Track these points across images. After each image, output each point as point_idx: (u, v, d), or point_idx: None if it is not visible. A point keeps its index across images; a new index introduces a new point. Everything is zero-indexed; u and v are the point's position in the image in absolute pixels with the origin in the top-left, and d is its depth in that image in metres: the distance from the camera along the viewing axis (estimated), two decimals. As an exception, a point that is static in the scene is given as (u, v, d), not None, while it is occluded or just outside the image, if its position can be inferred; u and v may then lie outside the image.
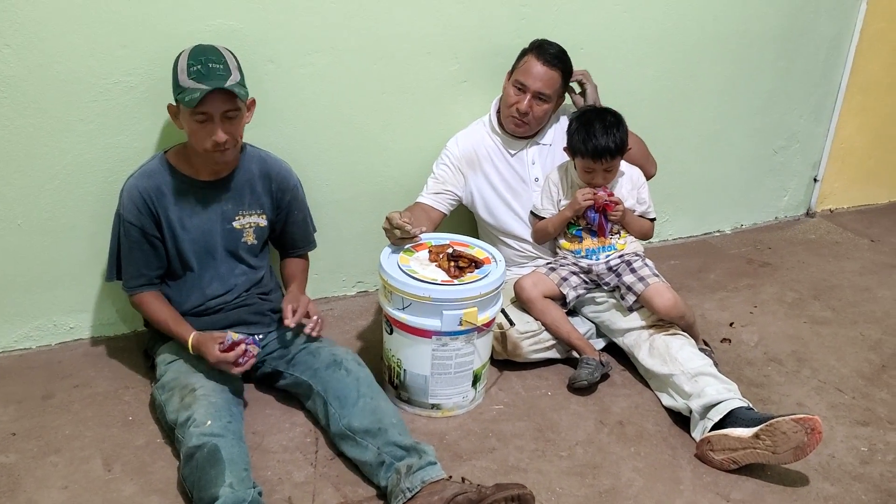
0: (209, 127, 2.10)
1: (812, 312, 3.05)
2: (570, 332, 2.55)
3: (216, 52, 2.13)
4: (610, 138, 2.44)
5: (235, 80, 2.11)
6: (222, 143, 2.12)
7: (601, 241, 2.58)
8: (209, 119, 2.09)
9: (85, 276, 2.54)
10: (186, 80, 2.07)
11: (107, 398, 2.38)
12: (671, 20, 3.12)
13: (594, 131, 2.44)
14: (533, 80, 2.51)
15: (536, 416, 2.38)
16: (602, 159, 2.45)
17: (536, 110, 2.55)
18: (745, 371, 2.64)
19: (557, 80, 2.54)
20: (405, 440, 2.03)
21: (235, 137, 2.17)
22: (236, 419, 2.09)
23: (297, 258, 2.55)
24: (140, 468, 2.10)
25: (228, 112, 2.11)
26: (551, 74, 2.52)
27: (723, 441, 2.16)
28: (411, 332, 2.24)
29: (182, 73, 2.08)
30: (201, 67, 2.07)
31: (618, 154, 2.47)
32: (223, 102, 2.09)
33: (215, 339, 2.15)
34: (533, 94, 2.52)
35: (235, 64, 2.15)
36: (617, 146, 2.45)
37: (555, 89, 2.54)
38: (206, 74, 2.06)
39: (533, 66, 2.51)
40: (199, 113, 2.08)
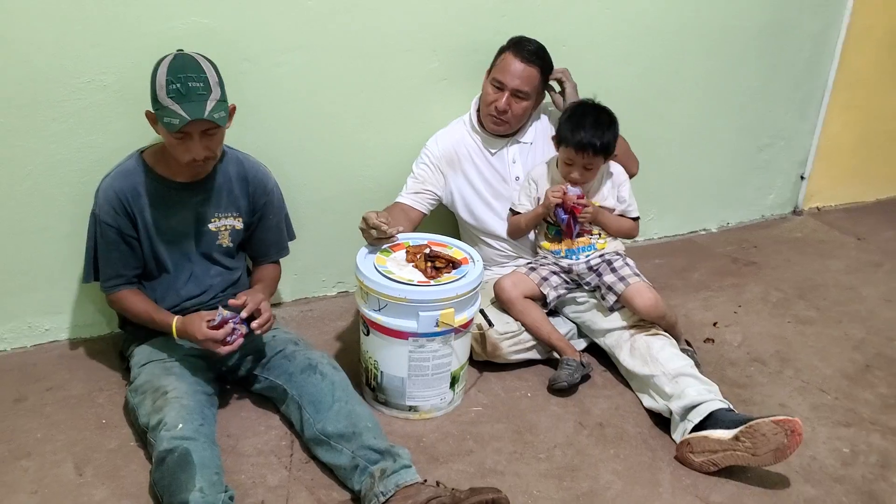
0: (188, 144, 2.07)
1: (796, 312, 3.03)
2: (550, 332, 2.53)
3: (196, 67, 2.06)
4: (598, 135, 2.41)
5: (216, 99, 2.06)
6: (202, 159, 2.09)
7: (581, 241, 2.55)
8: (188, 137, 2.05)
9: (60, 278, 2.51)
10: (165, 97, 2.02)
11: (80, 401, 2.35)
12: (652, 16, 3.10)
13: (585, 123, 2.42)
14: (511, 78, 2.48)
15: (515, 418, 2.36)
16: (584, 153, 2.42)
17: (515, 108, 2.52)
18: (728, 371, 2.62)
19: (536, 77, 2.51)
20: (380, 443, 2.00)
21: (215, 151, 2.14)
22: (208, 422, 2.06)
23: (270, 265, 2.50)
24: (112, 472, 2.07)
25: (208, 130, 2.07)
26: (529, 71, 2.49)
27: (703, 443, 2.14)
28: (387, 333, 2.22)
29: (161, 89, 2.02)
30: (180, 86, 2.01)
31: (601, 153, 2.44)
32: (203, 123, 2.04)
33: (202, 316, 2.12)
34: (511, 91, 2.49)
35: (216, 78, 2.09)
36: (602, 145, 2.42)
37: (533, 86, 2.52)
38: (186, 94, 2.01)
39: (510, 64, 2.48)
40: (178, 134, 2.04)
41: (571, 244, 2.55)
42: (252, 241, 2.44)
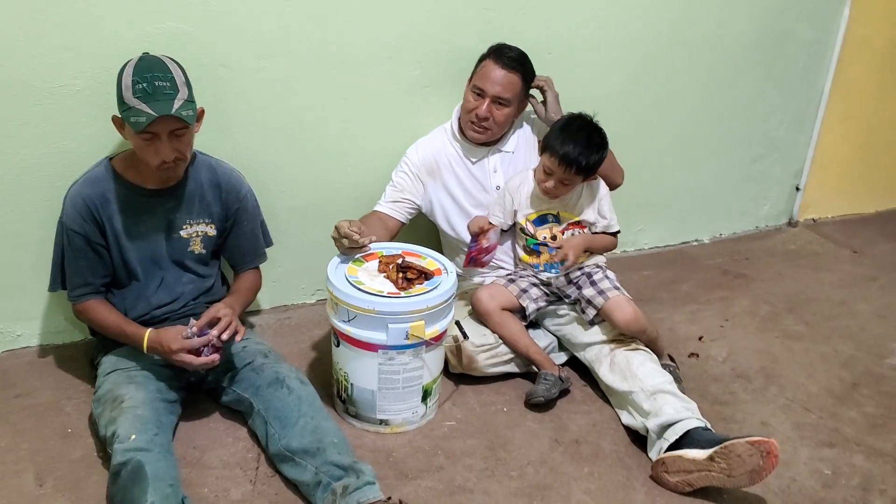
0: (156, 145, 2.03)
1: (785, 327, 2.97)
2: (528, 345, 2.48)
3: (162, 67, 2.04)
4: (586, 154, 2.35)
5: (183, 98, 2.03)
6: (171, 161, 2.06)
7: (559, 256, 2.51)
8: (156, 137, 2.02)
9: (33, 284, 2.48)
10: (132, 98, 1.99)
11: (47, 409, 2.32)
12: (641, 23, 3.05)
13: (577, 139, 2.36)
14: (491, 85, 2.44)
15: (489, 434, 2.31)
16: (567, 168, 2.36)
17: (496, 115, 2.48)
18: (711, 388, 2.57)
19: (517, 84, 2.47)
20: (343, 459, 1.96)
21: (185, 153, 2.10)
22: (164, 431, 2.02)
23: (248, 273, 2.46)
24: (73, 484, 2.04)
25: (176, 130, 2.04)
26: (510, 78, 2.44)
27: (677, 462, 2.09)
28: (357, 345, 2.18)
29: (126, 90, 2.00)
30: (147, 86, 1.98)
31: (582, 173, 2.39)
32: (170, 122, 2.01)
33: (177, 329, 2.08)
34: (492, 98, 2.45)
35: (183, 78, 2.06)
36: (587, 165, 2.37)
37: (515, 93, 2.47)
38: (153, 94, 1.98)
39: (491, 71, 2.44)
40: (145, 132, 2.00)
41: (550, 259, 2.51)
42: (227, 248, 2.41)
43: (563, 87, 2.92)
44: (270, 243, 2.52)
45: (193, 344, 2.05)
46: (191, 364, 2.08)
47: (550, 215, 2.49)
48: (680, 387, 2.39)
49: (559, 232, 2.49)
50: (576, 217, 2.50)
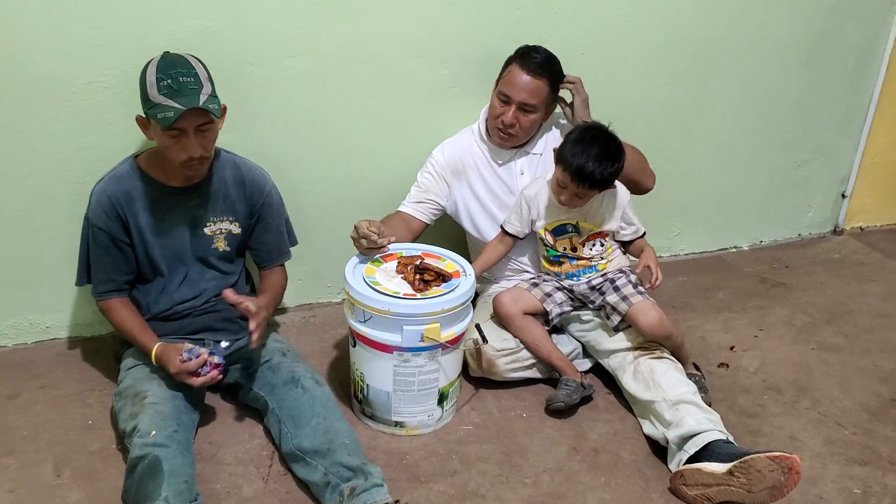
0: (183, 141, 2.05)
1: (822, 338, 2.87)
2: (551, 351, 2.44)
3: (185, 64, 2.05)
4: (600, 169, 2.25)
5: (208, 93, 2.04)
6: (198, 157, 2.07)
7: (581, 264, 2.46)
8: (183, 134, 2.04)
9: (61, 276, 2.51)
10: (157, 95, 2.00)
11: (71, 400, 2.36)
12: (680, 24, 2.98)
13: (590, 152, 2.25)
14: (517, 91, 2.40)
15: (506, 439, 2.28)
16: (581, 183, 2.27)
17: (523, 121, 2.44)
18: (739, 399, 2.49)
19: (544, 90, 2.42)
20: (353, 461, 1.95)
21: (209, 150, 2.12)
22: (184, 428, 2.04)
23: (274, 272, 2.46)
24: (90, 475, 2.07)
25: (202, 126, 2.05)
26: (536, 84, 2.40)
27: (696, 476, 2.03)
28: (372, 345, 2.16)
29: (151, 87, 2.02)
30: (171, 82, 2.00)
31: (597, 187, 2.30)
32: (197, 117, 2.02)
33: (177, 349, 2.10)
34: (518, 104, 2.41)
35: (206, 74, 2.08)
36: (602, 180, 2.27)
37: (541, 99, 2.42)
38: (178, 90, 2.00)
39: (517, 76, 2.40)
40: (172, 129, 2.02)
41: (571, 268, 2.46)
42: (253, 246, 2.41)
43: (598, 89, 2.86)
44: (295, 242, 2.52)
45: (190, 367, 2.07)
46: (192, 384, 2.10)
47: (570, 225, 2.43)
48: (706, 397, 2.34)
49: (580, 243, 2.43)
50: (597, 228, 2.43)
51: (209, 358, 2.10)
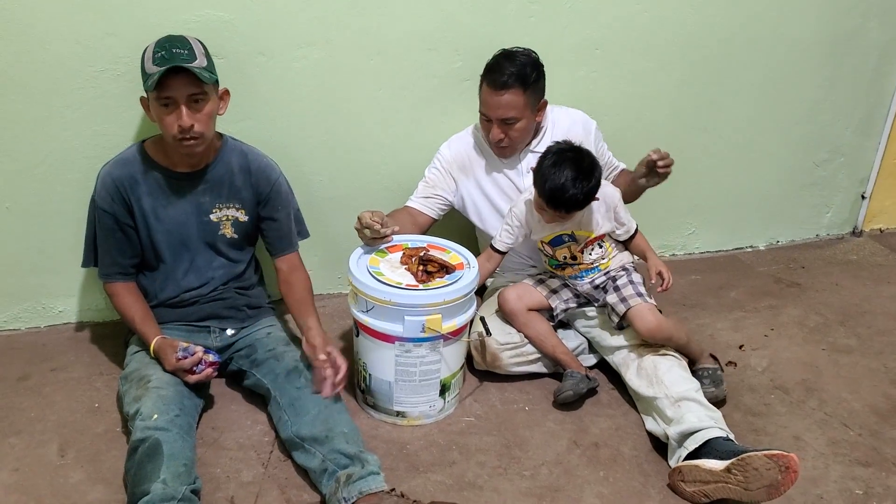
0: (174, 112, 2.07)
1: (834, 339, 2.83)
2: (555, 346, 2.44)
3: (182, 40, 2.10)
4: (574, 190, 2.17)
5: (201, 66, 2.07)
6: (188, 129, 2.08)
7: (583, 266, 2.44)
8: (174, 104, 2.06)
9: (73, 262, 2.53)
10: (151, 66, 2.05)
11: (79, 383, 2.40)
12: (697, 20, 2.95)
13: (559, 177, 2.17)
14: (492, 110, 2.37)
15: (507, 432, 2.28)
16: (558, 209, 2.23)
17: (511, 134, 2.42)
18: (745, 398, 2.47)
19: (518, 100, 2.35)
20: (350, 448, 1.97)
21: (204, 126, 2.12)
22: (186, 413, 2.06)
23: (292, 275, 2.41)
24: (93, 456, 2.10)
25: (194, 95, 2.07)
26: (508, 99, 2.34)
27: (694, 472, 2.02)
28: (375, 335, 2.18)
29: (148, 61, 2.07)
30: (165, 53, 2.05)
31: (577, 209, 2.25)
32: (186, 85, 2.05)
33: (174, 347, 2.13)
34: (497, 122, 2.39)
35: (203, 51, 2.12)
36: (579, 201, 2.20)
37: (519, 109, 2.36)
38: (170, 59, 2.03)
39: (487, 96, 2.37)
40: (163, 97, 2.05)
41: (574, 271, 2.45)
42: (265, 235, 2.42)
43: (611, 85, 2.88)
44: (307, 235, 2.52)
45: (184, 365, 2.10)
46: (188, 381, 2.13)
47: (566, 235, 2.40)
48: (720, 391, 2.35)
49: (578, 251, 2.40)
50: (593, 234, 2.39)
51: (204, 356, 2.13)
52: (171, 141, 2.12)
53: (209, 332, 2.35)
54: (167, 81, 2.02)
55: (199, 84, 2.06)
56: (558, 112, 2.58)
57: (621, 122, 2.93)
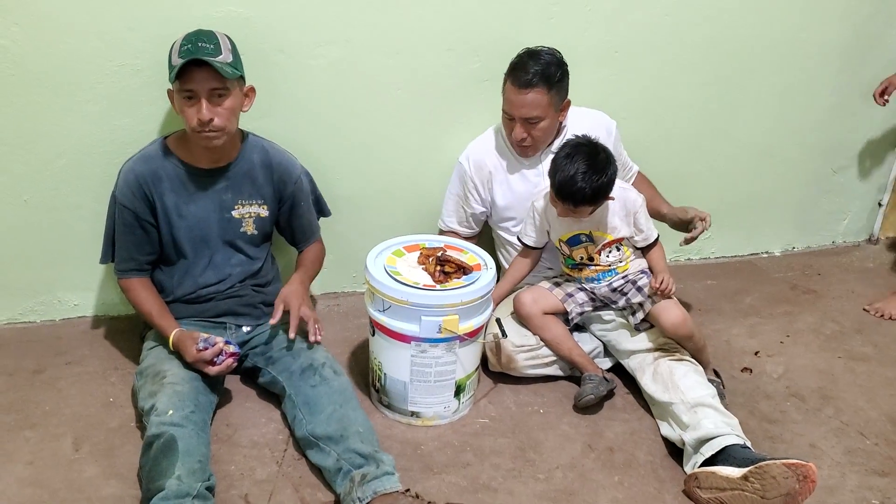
0: (196, 105, 2.08)
1: (850, 347, 2.81)
2: (571, 348, 2.43)
3: (210, 34, 2.11)
4: (583, 183, 2.16)
5: (225, 61, 2.08)
6: (207, 122, 2.08)
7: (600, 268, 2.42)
8: (195, 97, 2.07)
9: (90, 255, 2.53)
10: (177, 58, 2.06)
11: (94, 377, 2.40)
12: (718, 25, 2.93)
13: (571, 170, 2.16)
14: (516, 109, 2.37)
15: (521, 434, 2.27)
16: (566, 202, 2.22)
17: (534, 133, 2.42)
18: (761, 405, 2.46)
19: (542, 99, 2.35)
20: (365, 448, 1.96)
21: (225, 120, 2.12)
22: (201, 409, 2.06)
23: (311, 246, 2.52)
24: (107, 451, 2.10)
25: (216, 90, 2.08)
26: (532, 97, 2.34)
27: (710, 479, 2.01)
28: (391, 335, 2.17)
29: (174, 53, 2.08)
30: (191, 46, 2.06)
31: (584, 204, 2.21)
32: (208, 80, 2.06)
33: (194, 338, 2.13)
34: (520, 121, 2.39)
35: (230, 47, 2.12)
36: (587, 195, 2.18)
37: (542, 108, 2.36)
38: (194, 52, 2.05)
39: (511, 95, 2.37)
40: (185, 90, 2.06)
41: (591, 273, 2.44)
42: (288, 229, 2.45)
43: (630, 88, 2.87)
44: (328, 213, 2.59)
45: (205, 356, 2.11)
46: (207, 373, 2.13)
47: (583, 235, 2.38)
48: (723, 402, 2.31)
49: (595, 252, 2.39)
50: (610, 237, 2.38)
51: (225, 347, 2.13)
52: (191, 133, 2.13)
53: (225, 328, 2.35)
54: (190, 74, 2.03)
55: (220, 79, 2.07)
56: (579, 113, 2.57)
57: (640, 125, 2.92)
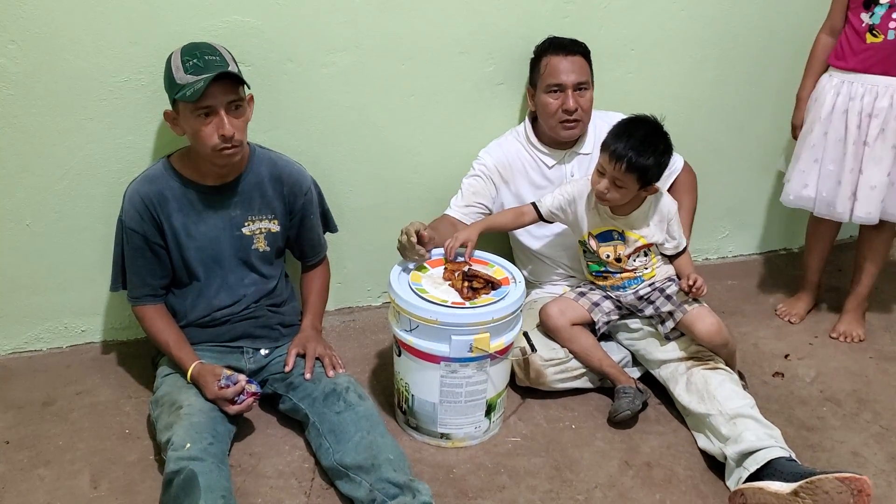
0: (214, 121, 1.99)
1: (880, 346, 2.75)
2: (601, 359, 2.35)
3: (209, 46, 2.03)
4: (640, 151, 2.13)
5: (235, 71, 2.01)
6: (230, 138, 2.00)
7: (626, 276, 2.35)
8: (213, 113, 1.98)
9: (97, 279, 2.46)
10: (184, 76, 1.96)
11: (107, 408, 2.30)
12: (735, 20, 2.86)
13: (633, 135, 2.16)
14: (567, 75, 2.36)
15: (555, 452, 2.19)
16: (617, 164, 2.14)
17: (583, 102, 2.40)
18: (797, 411, 2.39)
19: (586, 65, 2.43)
20: (399, 477, 1.87)
21: (242, 133, 2.05)
22: (220, 440, 1.97)
23: (315, 269, 2.44)
24: (127, 487, 2.01)
25: (233, 102, 2.00)
26: (579, 62, 2.40)
27: (758, 495, 1.93)
28: (419, 356, 2.08)
29: (178, 70, 1.98)
30: (197, 61, 1.97)
31: (635, 172, 2.15)
32: (226, 93, 1.98)
33: (215, 374, 2.05)
34: (573, 87, 2.37)
35: (231, 57, 2.04)
36: (639, 164, 2.13)
37: (588, 74, 2.43)
38: (205, 67, 1.96)
39: (559, 63, 2.37)
40: (202, 108, 1.96)
41: (616, 281, 2.37)
42: (298, 243, 2.37)
43: (646, 86, 2.80)
44: (336, 229, 2.50)
45: (227, 394, 2.03)
46: (227, 412, 2.06)
47: (616, 232, 2.32)
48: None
49: (625, 256, 2.33)
50: (643, 239, 2.31)
51: (247, 386, 2.05)
52: (210, 152, 2.03)
53: (242, 352, 2.26)
54: (206, 90, 1.92)
55: (237, 90, 1.99)
56: (600, 115, 2.50)
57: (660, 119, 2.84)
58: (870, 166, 2.54)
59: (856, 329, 2.80)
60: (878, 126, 2.50)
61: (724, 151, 3.08)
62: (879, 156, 2.52)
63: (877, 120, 2.49)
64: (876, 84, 2.49)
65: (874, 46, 2.47)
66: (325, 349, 2.23)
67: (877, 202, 2.56)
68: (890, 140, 2.50)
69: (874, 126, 2.50)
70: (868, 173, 2.54)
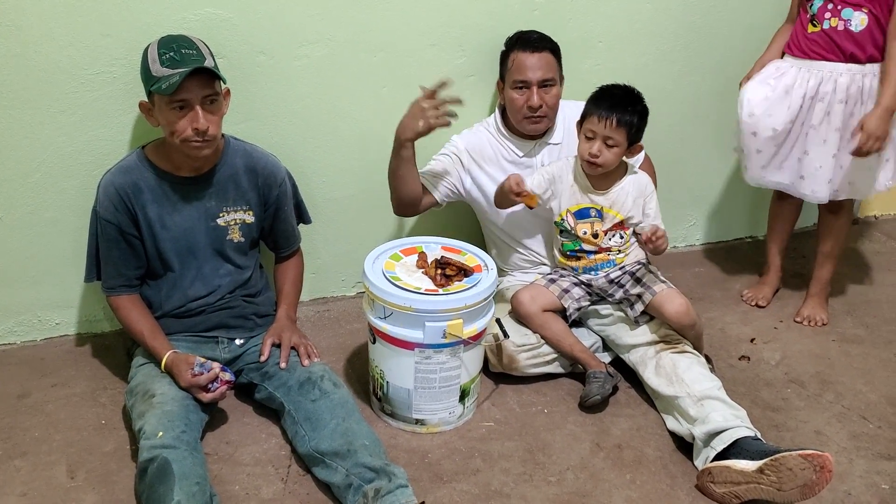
0: (189, 115, 2.00)
1: (843, 330, 2.83)
2: (573, 345, 2.40)
3: (186, 39, 2.04)
4: (626, 104, 2.27)
5: (211, 65, 2.02)
6: (204, 132, 2.01)
7: (598, 258, 2.41)
8: (188, 106, 1.99)
9: (70, 272, 2.46)
10: (160, 68, 1.97)
11: (83, 399, 2.31)
12: (699, 11, 2.92)
13: (614, 93, 2.31)
14: (532, 72, 2.38)
15: (528, 436, 2.24)
16: (608, 120, 2.24)
17: (548, 99, 2.42)
18: (763, 393, 2.45)
19: (553, 62, 2.44)
20: (375, 462, 1.90)
21: (217, 128, 2.07)
22: (192, 428, 1.99)
23: (289, 260, 2.46)
24: (105, 477, 2.02)
25: (209, 97, 2.02)
26: (545, 58, 2.41)
27: (724, 473, 1.99)
28: (393, 342, 2.12)
29: (154, 62, 1.99)
30: (174, 54, 1.98)
31: (625, 126, 2.26)
32: (202, 87, 1.99)
33: (189, 362, 2.06)
34: (538, 84, 2.39)
35: (208, 50, 2.06)
36: (627, 119, 2.26)
37: (555, 70, 2.44)
38: (181, 60, 1.97)
39: (525, 60, 2.39)
40: (177, 101, 1.98)
41: (589, 262, 2.42)
42: (272, 234, 2.38)
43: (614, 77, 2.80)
44: (309, 221, 2.52)
45: (200, 381, 2.05)
46: (200, 399, 2.07)
47: (594, 209, 2.38)
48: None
49: (602, 231, 2.38)
50: (621, 216, 2.38)
51: (221, 374, 2.07)
52: (180, 144, 2.04)
53: (217, 342, 2.27)
54: (182, 83, 1.94)
55: (213, 84, 2.01)
56: (569, 105, 2.54)
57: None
58: (815, 148, 2.63)
59: (819, 313, 2.87)
60: (824, 109, 2.59)
61: (691, 141, 3.14)
62: (824, 138, 2.61)
63: (821, 104, 2.59)
64: (821, 69, 2.58)
65: (814, 35, 2.59)
66: (300, 339, 2.25)
67: (823, 181, 2.65)
68: (835, 123, 2.59)
69: (819, 109, 2.60)
70: (813, 153, 2.64)
